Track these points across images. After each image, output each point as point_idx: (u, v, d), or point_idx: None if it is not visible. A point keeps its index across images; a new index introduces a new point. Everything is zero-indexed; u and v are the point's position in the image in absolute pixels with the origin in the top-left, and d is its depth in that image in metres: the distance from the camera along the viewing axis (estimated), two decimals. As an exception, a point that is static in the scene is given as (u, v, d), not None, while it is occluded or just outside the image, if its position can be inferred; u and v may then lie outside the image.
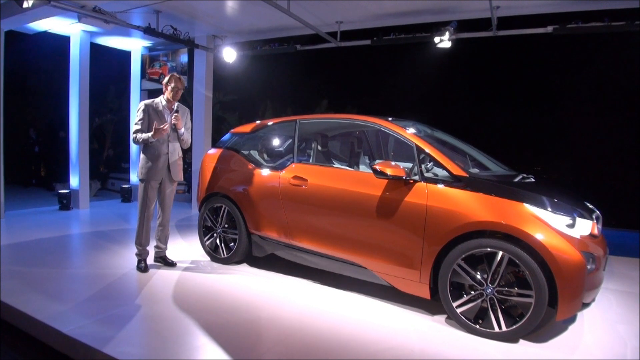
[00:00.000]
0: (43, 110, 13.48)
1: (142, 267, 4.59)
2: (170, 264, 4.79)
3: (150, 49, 9.45)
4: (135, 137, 4.45)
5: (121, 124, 12.51)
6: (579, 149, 14.48)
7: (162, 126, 4.35)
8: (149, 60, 9.42)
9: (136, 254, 4.65)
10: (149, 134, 4.37)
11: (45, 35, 8.22)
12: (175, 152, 4.61)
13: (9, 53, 7.33)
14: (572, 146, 14.64)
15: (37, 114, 13.50)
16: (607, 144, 13.91)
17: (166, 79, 4.56)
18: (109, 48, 9.47)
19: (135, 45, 9.44)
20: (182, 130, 4.59)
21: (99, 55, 9.06)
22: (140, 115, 4.47)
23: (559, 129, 14.97)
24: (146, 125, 4.45)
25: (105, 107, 13.66)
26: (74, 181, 8.29)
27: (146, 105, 4.50)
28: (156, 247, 4.81)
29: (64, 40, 8.27)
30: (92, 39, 8.43)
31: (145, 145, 4.48)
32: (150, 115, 4.47)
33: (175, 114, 4.47)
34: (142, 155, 4.53)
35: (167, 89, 4.55)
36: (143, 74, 9.51)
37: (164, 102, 4.57)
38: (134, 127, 4.50)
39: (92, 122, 11.27)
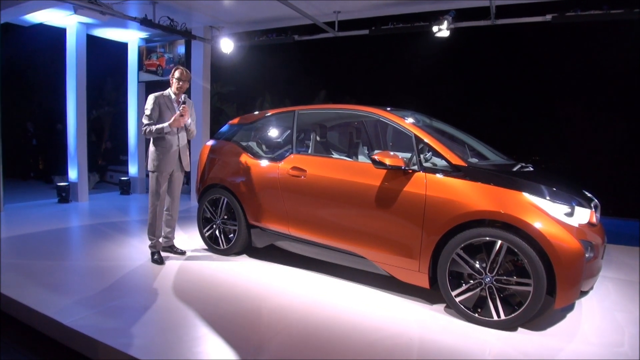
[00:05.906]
0: (40, 103, 13.42)
1: (158, 260, 4.59)
2: (180, 253, 4.88)
3: (147, 40, 9.39)
4: (147, 129, 4.44)
5: (119, 117, 12.46)
6: (577, 138, 14.47)
7: (178, 114, 4.38)
8: (145, 52, 9.37)
9: (150, 246, 4.65)
10: (166, 124, 4.39)
11: (41, 28, 8.17)
12: (184, 143, 4.65)
13: (5, 46, 7.29)
14: (570, 135, 14.63)
15: (35, 106, 13.43)
16: (606, 133, 13.89)
17: (173, 71, 4.58)
18: (105, 40, 9.42)
19: (131, 37, 9.38)
20: (189, 120, 4.63)
21: (95, 47, 8.99)
22: (150, 106, 4.47)
23: (558, 118, 14.94)
24: (156, 117, 4.47)
25: (102, 100, 13.61)
26: (72, 174, 8.28)
27: (156, 97, 4.50)
28: (164, 237, 4.86)
29: (60, 33, 8.21)
30: (89, 30, 8.37)
31: (156, 137, 4.48)
32: (161, 107, 4.50)
33: (183, 105, 4.49)
34: (152, 147, 4.53)
35: (172, 82, 4.57)
36: (140, 66, 9.47)
37: (172, 95, 4.59)
38: (143, 119, 4.50)
39: (90, 114, 11.21)
